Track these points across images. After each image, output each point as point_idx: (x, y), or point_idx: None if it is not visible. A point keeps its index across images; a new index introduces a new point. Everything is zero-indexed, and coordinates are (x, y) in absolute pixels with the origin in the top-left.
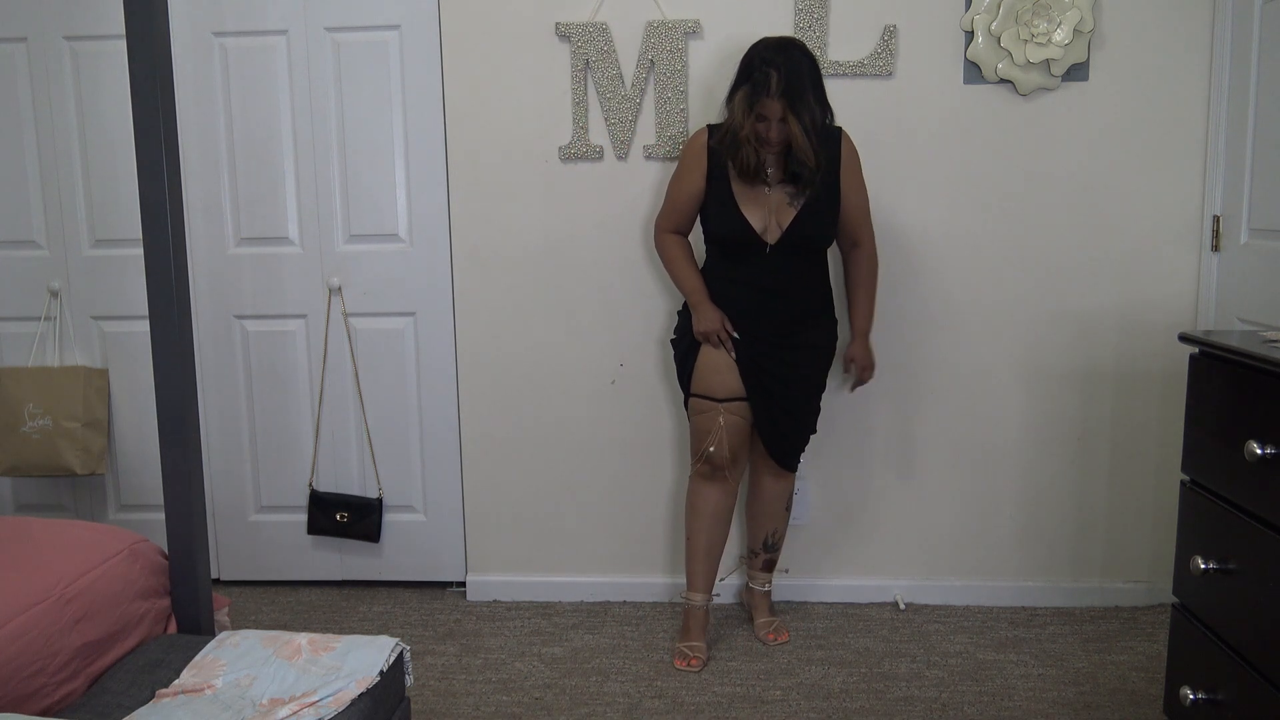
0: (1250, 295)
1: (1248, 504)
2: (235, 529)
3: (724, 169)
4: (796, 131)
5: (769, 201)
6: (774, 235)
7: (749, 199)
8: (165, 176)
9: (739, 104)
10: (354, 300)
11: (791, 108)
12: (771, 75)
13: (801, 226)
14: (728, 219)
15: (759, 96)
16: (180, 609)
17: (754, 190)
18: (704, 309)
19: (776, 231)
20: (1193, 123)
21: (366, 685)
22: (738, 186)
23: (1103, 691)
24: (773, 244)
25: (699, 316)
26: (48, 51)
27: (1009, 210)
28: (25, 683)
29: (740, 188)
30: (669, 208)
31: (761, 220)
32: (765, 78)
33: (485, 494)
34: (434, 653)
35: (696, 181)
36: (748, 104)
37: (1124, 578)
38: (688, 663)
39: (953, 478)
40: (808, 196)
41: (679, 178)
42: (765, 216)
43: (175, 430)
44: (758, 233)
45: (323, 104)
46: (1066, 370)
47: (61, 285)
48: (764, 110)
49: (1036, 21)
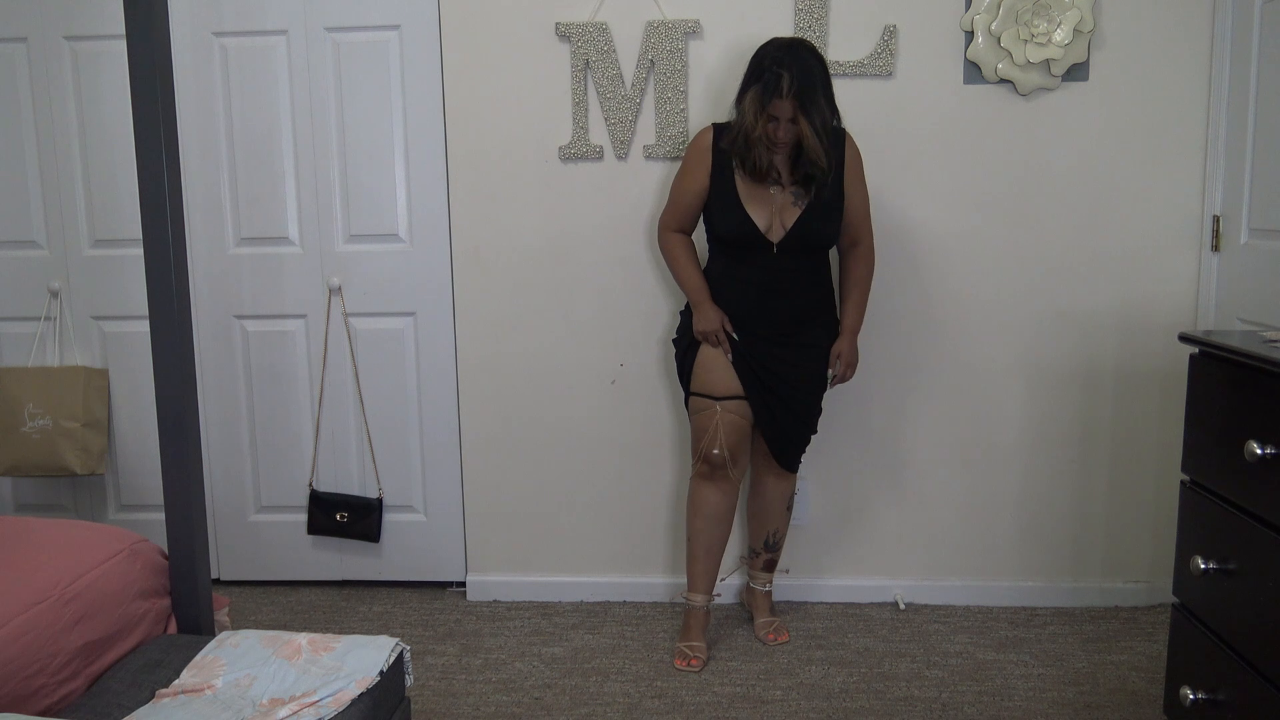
0: (1250, 295)
1: (1248, 504)
2: (235, 529)
3: (728, 167)
4: (808, 133)
5: (774, 201)
6: (778, 235)
7: (754, 198)
8: (165, 176)
9: (750, 104)
10: (354, 300)
11: (803, 109)
12: (783, 76)
13: (806, 226)
14: (732, 218)
15: (770, 97)
16: (180, 609)
17: (759, 189)
18: (705, 308)
19: (780, 231)
20: (1193, 123)
21: (366, 685)
22: (742, 185)
23: (1103, 691)
24: (777, 243)
25: (699, 316)
26: (48, 51)
27: (1009, 210)
28: (25, 683)
29: (745, 186)
30: (672, 206)
31: (766, 219)
32: (776, 79)
33: (485, 494)
34: (434, 653)
35: (700, 180)
36: (759, 104)
37: (1124, 578)
38: (688, 663)
39: (953, 478)
40: (813, 197)
41: (683, 176)
42: (770, 216)
43: (175, 430)
44: (762, 232)
45: (323, 104)
46: (1066, 370)
47: (61, 285)
48: (775, 111)
49: (1036, 21)
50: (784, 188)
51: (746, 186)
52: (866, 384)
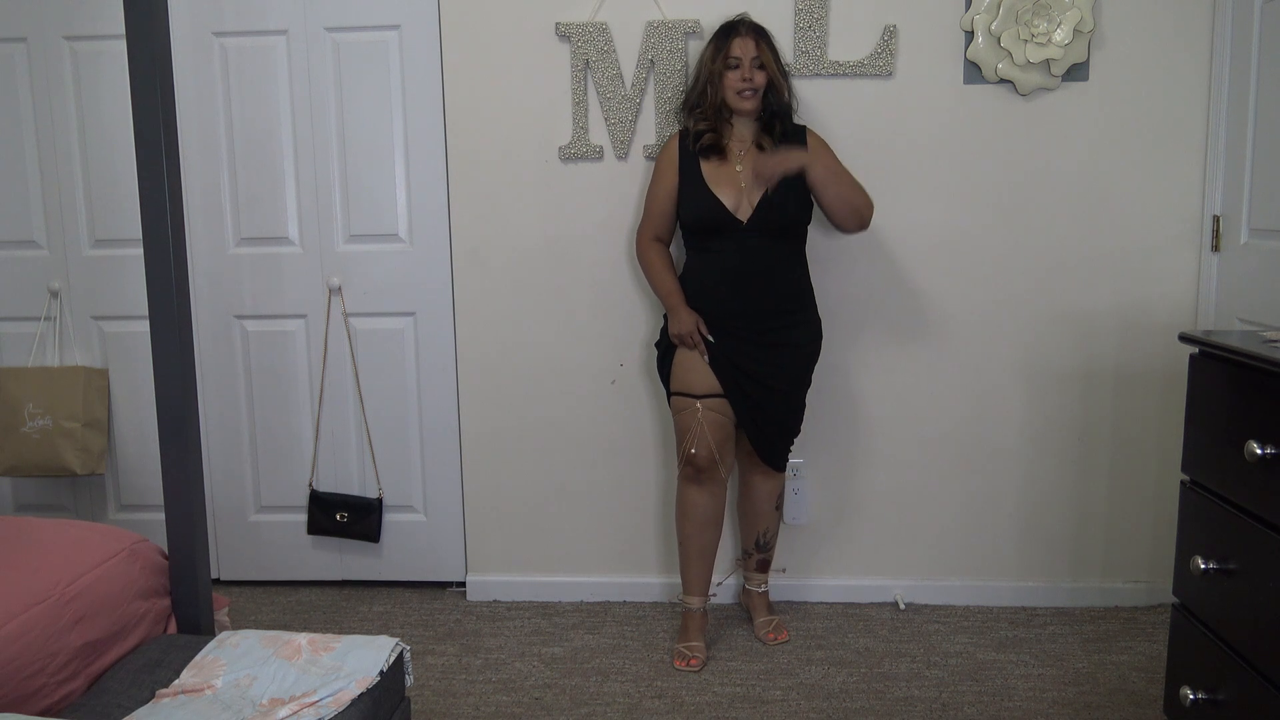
0: (1250, 295)
1: (1248, 504)
2: (235, 529)
3: (695, 161)
4: (769, 60)
5: (739, 180)
6: (746, 213)
7: (720, 181)
8: (165, 176)
9: (707, 53)
10: (354, 300)
11: (762, 43)
12: (737, 21)
13: (771, 202)
14: (700, 202)
15: (729, 38)
16: (180, 609)
17: (725, 170)
18: (679, 311)
19: (748, 210)
20: (1193, 123)
21: (366, 685)
22: (709, 170)
23: (1103, 691)
24: (745, 222)
25: (674, 319)
26: (48, 51)
27: (1009, 210)
28: (25, 683)
29: (711, 170)
30: (647, 215)
31: (734, 199)
32: (732, 24)
33: (485, 494)
34: (434, 653)
35: (670, 179)
36: (715, 50)
37: (1124, 578)
38: (687, 663)
39: (953, 478)
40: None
41: (653, 182)
42: (737, 196)
43: (175, 430)
44: (730, 211)
45: (323, 104)
46: (1066, 370)
47: (61, 285)
48: (736, 50)
49: (1036, 21)
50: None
51: (713, 170)
52: (866, 383)
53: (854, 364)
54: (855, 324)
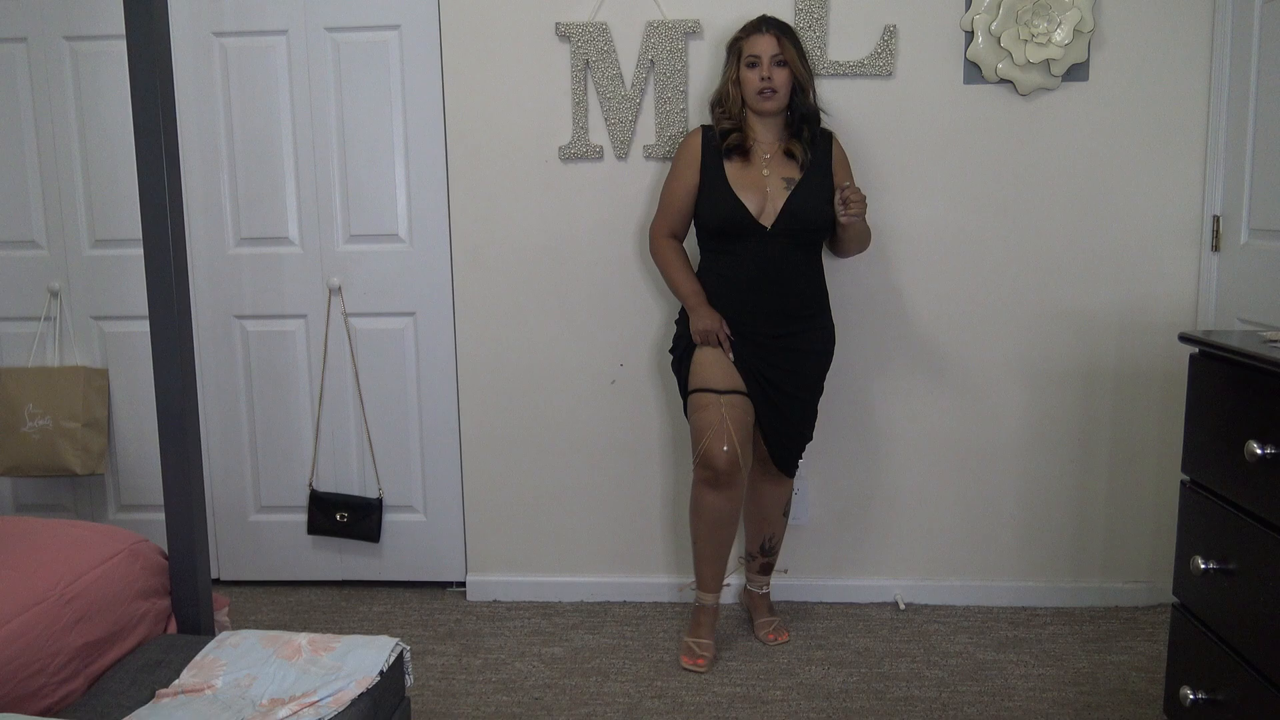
0: (1250, 295)
1: (1248, 504)
2: (235, 529)
3: (718, 161)
4: (792, 57)
5: (764, 184)
6: (770, 218)
7: (744, 184)
8: (165, 176)
9: (729, 56)
10: (354, 300)
11: (787, 39)
12: (759, 20)
13: (796, 205)
14: (723, 204)
15: (749, 34)
16: (180, 609)
17: (750, 173)
18: (702, 310)
19: (773, 214)
20: (1193, 123)
21: (366, 685)
22: (733, 172)
23: (1103, 691)
24: (769, 227)
25: (697, 317)
26: (48, 51)
27: (1009, 210)
28: (25, 683)
29: (735, 173)
30: (663, 211)
31: (758, 203)
32: (753, 24)
33: (485, 494)
34: (434, 653)
35: (690, 178)
36: (736, 53)
37: (1124, 578)
38: (694, 661)
39: (953, 478)
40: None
41: (672, 178)
42: (761, 200)
43: (175, 430)
44: (754, 215)
45: (323, 104)
46: (1066, 370)
47: (61, 285)
48: (756, 48)
49: (1036, 21)
50: (774, 170)
51: (737, 172)
52: (866, 383)
53: (854, 364)
54: (854, 324)
